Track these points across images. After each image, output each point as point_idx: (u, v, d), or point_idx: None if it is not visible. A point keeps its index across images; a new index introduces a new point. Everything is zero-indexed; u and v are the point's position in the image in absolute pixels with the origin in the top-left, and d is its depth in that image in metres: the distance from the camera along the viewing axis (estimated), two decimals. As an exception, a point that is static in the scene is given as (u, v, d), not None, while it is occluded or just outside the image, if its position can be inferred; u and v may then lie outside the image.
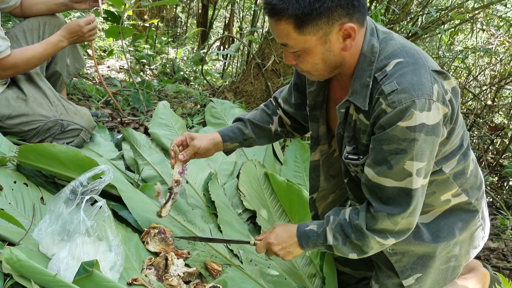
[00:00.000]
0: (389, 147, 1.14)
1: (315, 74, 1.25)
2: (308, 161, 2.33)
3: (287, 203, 1.97)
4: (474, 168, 1.38)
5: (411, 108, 1.09)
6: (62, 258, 1.20)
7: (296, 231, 1.39)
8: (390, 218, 1.21)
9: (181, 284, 1.37)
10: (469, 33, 5.10)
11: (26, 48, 1.86)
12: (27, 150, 1.50)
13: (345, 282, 1.68)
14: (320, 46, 1.15)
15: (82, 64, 2.31)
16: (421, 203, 1.24)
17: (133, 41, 4.03)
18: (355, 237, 1.27)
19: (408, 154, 1.13)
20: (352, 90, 1.22)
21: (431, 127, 1.12)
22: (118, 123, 2.58)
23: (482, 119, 3.91)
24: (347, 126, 1.29)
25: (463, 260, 1.44)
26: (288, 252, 1.41)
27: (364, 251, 1.30)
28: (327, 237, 1.33)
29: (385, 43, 1.20)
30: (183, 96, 3.56)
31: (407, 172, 1.16)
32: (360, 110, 1.23)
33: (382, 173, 1.19)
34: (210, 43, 4.73)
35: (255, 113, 1.66)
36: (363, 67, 1.20)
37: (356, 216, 1.28)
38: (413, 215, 1.23)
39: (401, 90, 1.11)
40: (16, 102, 1.85)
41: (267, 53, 3.08)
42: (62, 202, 1.27)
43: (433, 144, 1.16)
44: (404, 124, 1.11)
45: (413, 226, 1.27)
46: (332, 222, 1.33)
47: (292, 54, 1.20)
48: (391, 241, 1.26)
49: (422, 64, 1.15)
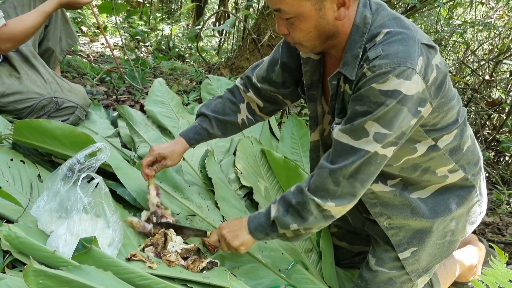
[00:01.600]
0: (361, 107, 1.14)
1: (307, 45, 1.23)
2: (304, 137, 2.34)
3: (284, 179, 1.97)
4: (472, 144, 1.38)
5: (389, 74, 1.09)
6: (61, 234, 1.21)
7: (248, 216, 1.39)
8: (331, 175, 1.19)
9: (179, 260, 1.39)
10: (468, 7, 5.04)
11: (20, 18, 1.81)
12: (23, 127, 1.49)
13: (341, 256, 1.70)
14: (314, 12, 1.13)
15: (75, 40, 2.27)
16: (372, 174, 1.20)
17: (127, 17, 3.97)
18: (295, 201, 1.25)
19: (372, 115, 1.12)
20: (343, 61, 1.22)
21: (406, 97, 1.10)
22: (113, 101, 2.56)
23: (479, 94, 3.90)
24: (337, 98, 1.29)
25: (460, 235, 1.45)
26: (236, 235, 1.36)
27: (303, 218, 1.25)
28: (271, 212, 1.31)
29: (377, 14, 1.20)
30: (178, 73, 3.52)
31: (365, 131, 1.14)
32: (347, 80, 1.22)
33: (343, 129, 1.18)
34: (205, 19, 4.65)
35: (219, 104, 1.59)
36: (355, 38, 1.19)
37: (302, 182, 1.28)
38: (356, 178, 1.19)
39: (384, 56, 1.10)
40: (9, 79, 1.83)
41: (263, 28, 3.04)
42: (59, 179, 1.27)
43: (404, 117, 1.13)
44: (377, 87, 1.10)
45: (356, 195, 1.22)
46: (279, 199, 1.32)
47: (285, 21, 1.18)
48: (331, 205, 1.21)
49: (411, 35, 1.14)
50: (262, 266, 1.51)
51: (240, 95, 1.60)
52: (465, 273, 1.65)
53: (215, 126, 1.57)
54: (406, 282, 1.44)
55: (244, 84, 1.59)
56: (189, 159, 1.96)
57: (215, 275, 1.36)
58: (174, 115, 2.20)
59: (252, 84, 1.56)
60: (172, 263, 1.36)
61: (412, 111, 1.14)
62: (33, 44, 2.03)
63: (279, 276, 1.49)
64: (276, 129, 2.44)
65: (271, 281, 1.46)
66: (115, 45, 4.73)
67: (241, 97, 1.60)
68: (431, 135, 1.26)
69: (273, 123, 2.44)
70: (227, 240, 1.37)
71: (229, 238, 1.37)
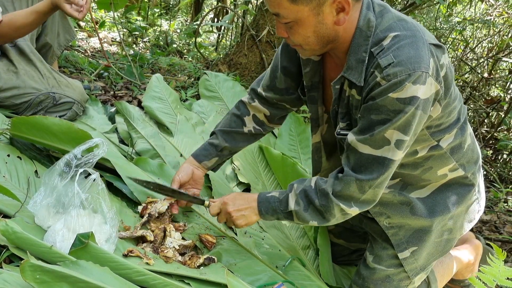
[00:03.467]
0: (377, 117, 1.14)
1: (307, 49, 1.22)
2: (303, 134, 2.34)
3: (282, 176, 1.97)
4: (472, 143, 1.38)
5: (405, 81, 1.08)
6: (58, 230, 1.21)
7: (256, 197, 1.38)
8: (358, 184, 1.20)
9: (177, 256, 1.39)
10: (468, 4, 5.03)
11: (16, 14, 1.79)
12: (20, 123, 1.48)
13: (338, 253, 1.70)
14: (312, 17, 1.12)
15: (73, 35, 2.26)
16: (390, 177, 1.23)
17: (125, 13, 3.95)
18: (319, 203, 1.26)
19: (392, 123, 1.12)
20: (347, 65, 1.20)
21: (422, 101, 1.11)
22: (111, 96, 2.55)
23: (478, 92, 3.90)
24: (341, 102, 1.28)
25: (458, 233, 1.45)
26: (242, 215, 1.36)
27: (325, 219, 1.28)
28: (289, 202, 1.31)
29: (381, 17, 1.18)
30: (176, 69, 3.51)
31: (386, 140, 1.15)
32: (353, 85, 1.21)
33: (362, 140, 1.18)
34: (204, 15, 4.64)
35: (225, 120, 1.61)
36: (359, 42, 1.18)
37: (324, 183, 1.27)
38: (381, 186, 1.22)
39: (398, 63, 1.09)
40: (6, 74, 1.82)
41: (262, 24, 3.03)
42: (56, 174, 1.27)
43: (419, 120, 1.14)
44: (395, 95, 1.10)
45: (377, 198, 1.26)
46: (296, 189, 1.32)
47: (284, 25, 1.17)
48: (355, 210, 1.25)
49: (419, 37, 1.13)
50: (259, 263, 1.52)
51: (245, 108, 1.60)
52: (462, 270, 1.66)
53: (221, 138, 1.57)
54: (404, 279, 1.44)
55: (250, 97, 1.60)
56: (187, 156, 1.95)
57: (212, 271, 1.36)
58: (172, 111, 2.20)
59: (257, 94, 1.57)
60: (169, 259, 1.36)
61: (426, 112, 1.15)
62: (30, 39, 2.02)
63: (276, 272, 1.49)
64: (274, 126, 2.43)
65: (268, 278, 1.46)
66: (113, 40, 4.71)
67: (246, 110, 1.60)
68: (435, 137, 1.27)
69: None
70: (233, 218, 1.37)
71: (235, 217, 1.37)
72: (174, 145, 2.00)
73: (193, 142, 2.03)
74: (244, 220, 1.38)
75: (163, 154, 1.86)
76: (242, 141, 1.61)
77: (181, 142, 2.02)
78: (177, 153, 1.94)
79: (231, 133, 1.58)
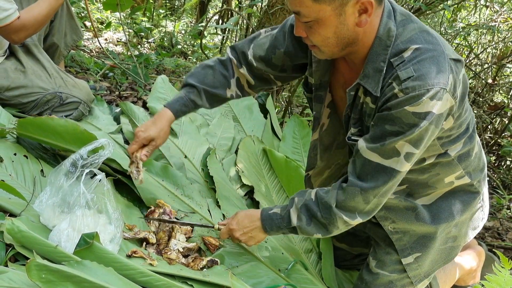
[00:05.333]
0: (391, 127, 1.13)
1: (325, 51, 1.19)
2: (306, 137, 2.34)
3: (285, 179, 1.98)
4: (479, 151, 1.38)
5: (423, 96, 1.08)
6: (63, 229, 1.22)
7: (259, 215, 1.38)
8: (362, 194, 1.20)
9: (180, 258, 1.39)
10: (472, 10, 5.03)
11: (31, 7, 1.82)
12: (26, 123, 1.49)
13: (341, 257, 1.70)
14: (334, 17, 1.10)
15: (80, 35, 2.27)
16: (395, 187, 1.23)
17: (132, 13, 3.96)
18: (322, 215, 1.26)
19: (405, 136, 1.12)
20: (363, 73, 1.19)
21: (437, 116, 1.11)
22: (116, 97, 2.56)
23: (482, 98, 3.90)
24: (354, 108, 1.28)
25: (462, 241, 1.45)
26: (250, 237, 1.39)
27: (328, 231, 1.28)
28: (291, 218, 1.32)
29: (403, 27, 1.16)
30: (181, 70, 3.52)
31: (396, 151, 1.15)
32: (368, 93, 1.20)
33: (373, 148, 1.17)
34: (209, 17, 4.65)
35: (209, 75, 1.49)
36: (377, 51, 1.17)
37: (325, 194, 1.27)
38: (385, 195, 1.22)
39: (417, 78, 1.09)
40: (14, 73, 1.83)
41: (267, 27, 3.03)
42: (62, 174, 1.28)
43: (431, 134, 1.15)
44: (411, 109, 1.09)
45: (379, 208, 1.26)
46: (297, 203, 1.32)
47: (304, 24, 1.15)
48: (358, 221, 1.25)
49: (440, 52, 1.12)
50: (262, 265, 1.52)
51: (233, 70, 1.51)
52: (464, 277, 1.66)
53: (204, 98, 1.49)
54: (407, 285, 1.44)
55: (238, 59, 1.51)
56: (191, 157, 1.96)
57: (215, 274, 1.36)
58: (177, 113, 2.20)
59: (247, 62, 1.49)
60: (172, 260, 1.36)
61: (438, 127, 1.15)
62: (38, 39, 2.03)
63: (279, 275, 1.50)
64: (278, 129, 2.44)
65: (271, 281, 1.46)
66: (118, 40, 4.73)
67: (233, 71, 1.51)
68: (445, 146, 1.27)
69: (275, 122, 2.44)
70: (242, 242, 1.41)
71: (244, 240, 1.40)
72: (178, 146, 2.00)
73: (197, 144, 2.04)
74: (253, 241, 1.41)
75: (168, 155, 1.87)
76: (218, 103, 1.56)
77: (185, 144, 2.03)
78: (181, 154, 1.95)
79: (214, 95, 1.50)
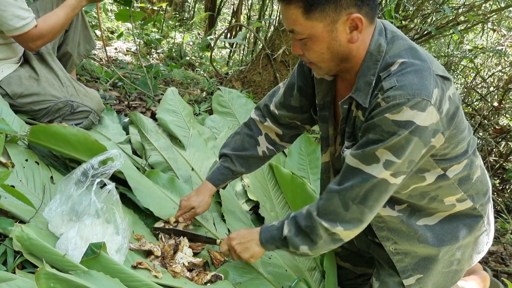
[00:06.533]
0: (373, 136, 1.15)
1: (322, 66, 1.25)
2: (312, 154, 2.36)
3: (291, 195, 1.98)
4: (481, 174, 1.38)
5: (403, 105, 1.10)
6: (71, 238, 1.22)
7: (259, 228, 1.41)
8: (340, 197, 1.20)
9: (184, 271, 1.39)
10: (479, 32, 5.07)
11: (48, 16, 1.86)
12: (38, 131, 1.51)
13: (344, 277, 1.70)
14: (326, 34, 1.15)
15: (93, 45, 2.31)
16: (381, 200, 1.21)
17: (143, 25, 4.01)
18: (304, 224, 1.27)
19: (384, 143, 1.13)
20: (356, 87, 1.23)
21: (419, 128, 1.11)
22: (125, 106, 2.59)
23: (488, 121, 3.91)
24: (348, 122, 1.31)
25: (466, 265, 1.45)
26: (246, 248, 1.39)
27: (313, 241, 1.27)
28: (284, 228, 1.33)
29: (392, 43, 1.21)
30: (189, 82, 3.56)
31: (376, 158, 1.15)
32: (359, 107, 1.24)
33: (354, 154, 1.19)
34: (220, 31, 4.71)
35: (238, 140, 1.62)
36: (368, 65, 1.21)
37: (311, 205, 1.29)
38: (366, 204, 1.20)
39: (399, 87, 1.11)
40: (28, 81, 1.86)
41: (277, 44, 3.08)
42: (73, 183, 1.29)
43: (415, 146, 1.14)
44: (391, 117, 1.11)
45: (365, 220, 1.23)
46: (291, 215, 1.35)
47: (299, 42, 1.21)
48: (340, 230, 1.23)
49: (426, 67, 1.15)
50: (266, 282, 1.52)
51: (257, 128, 1.62)
52: (468, 302, 1.64)
53: (237, 164, 1.60)
54: (410, 308, 1.43)
55: (261, 115, 1.61)
56: (198, 170, 1.97)
57: (219, 288, 1.36)
58: (185, 125, 2.22)
59: (270, 113, 1.59)
60: (177, 274, 1.36)
61: (423, 141, 1.14)
62: (52, 48, 2.07)
63: (282, 292, 1.49)
64: (285, 145, 2.45)
65: (274, 298, 1.46)
66: (128, 50, 4.78)
67: (258, 129, 1.62)
68: (441, 164, 1.27)
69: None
70: (237, 252, 1.40)
71: (239, 250, 1.40)
72: (186, 158, 2.02)
73: (204, 157, 2.06)
74: (247, 253, 1.40)
75: (175, 167, 1.88)
76: (256, 164, 1.65)
77: (193, 156, 2.05)
78: (188, 166, 1.96)
79: (246, 157, 1.61)
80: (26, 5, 1.76)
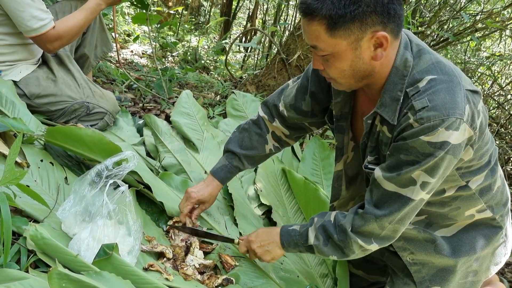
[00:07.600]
0: (407, 157, 1.13)
1: (342, 82, 1.21)
2: (326, 159, 2.34)
3: (303, 201, 1.97)
4: (502, 185, 1.36)
5: (438, 127, 1.08)
6: (83, 238, 1.23)
7: (279, 231, 1.41)
8: (377, 222, 1.21)
9: (196, 274, 1.39)
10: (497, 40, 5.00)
11: (66, 18, 1.89)
12: (55, 131, 1.53)
13: (356, 284, 1.67)
14: (350, 51, 1.11)
15: (110, 48, 2.33)
16: (413, 215, 1.22)
17: (160, 28, 4.05)
18: (338, 238, 1.27)
19: (421, 165, 1.12)
20: (381, 102, 1.20)
21: (453, 146, 1.10)
22: (140, 109, 2.61)
23: (505, 129, 3.84)
24: (371, 136, 1.28)
25: (483, 276, 1.42)
26: (266, 251, 1.41)
27: (345, 254, 1.29)
28: (309, 237, 1.33)
29: (419, 57, 1.17)
30: (203, 85, 3.57)
31: (413, 180, 1.15)
32: (384, 122, 1.21)
33: (389, 177, 1.18)
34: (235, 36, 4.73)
35: (246, 138, 1.61)
36: (394, 80, 1.17)
37: (343, 218, 1.28)
38: (401, 223, 1.22)
39: (432, 108, 1.09)
40: (45, 82, 1.89)
41: (293, 49, 3.07)
42: (87, 184, 1.30)
43: (448, 164, 1.13)
44: (426, 139, 1.09)
45: (397, 235, 1.25)
46: (316, 223, 1.33)
47: (321, 58, 1.17)
48: (374, 246, 1.25)
49: (456, 83, 1.12)
50: (277, 287, 1.51)
51: (266, 126, 1.62)
52: (484, 313, 1.61)
53: (246, 162, 1.61)
54: (424, 317, 1.41)
55: (270, 114, 1.60)
56: (211, 173, 1.97)
57: (230, 293, 1.36)
58: (199, 128, 2.23)
59: (279, 113, 1.57)
60: (188, 276, 1.36)
61: (456, 157, 1.14)
62: (70, 50, 2.09)
63: (293, 299, 1.48)
64: (298, 150, 2.44)
65: (285, 304, 1.45)
66: (144, 53, 4.83)
67: (266, 128, 1.62)
68: (465, 178, 1.26)
69: (295, 143, 2.44)
70: (258, 255, 1.42)
71: (260, 253, 1.41)
72: (199, 161, 2.02)
73: (217, 160, 2.05)
74: (269, 255, 1.42)
75: (188, 169, 1.88)
76: (260, 161, 1.68)
77: (206, 159, 2.05)
78: (202, 169, 1.96)
79: (255, 156, 1.62)
80: (45, 7, 1.79)
